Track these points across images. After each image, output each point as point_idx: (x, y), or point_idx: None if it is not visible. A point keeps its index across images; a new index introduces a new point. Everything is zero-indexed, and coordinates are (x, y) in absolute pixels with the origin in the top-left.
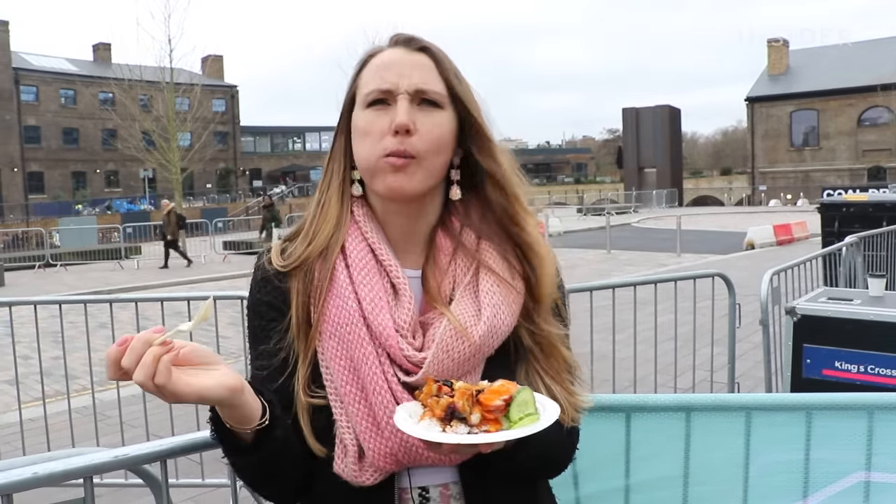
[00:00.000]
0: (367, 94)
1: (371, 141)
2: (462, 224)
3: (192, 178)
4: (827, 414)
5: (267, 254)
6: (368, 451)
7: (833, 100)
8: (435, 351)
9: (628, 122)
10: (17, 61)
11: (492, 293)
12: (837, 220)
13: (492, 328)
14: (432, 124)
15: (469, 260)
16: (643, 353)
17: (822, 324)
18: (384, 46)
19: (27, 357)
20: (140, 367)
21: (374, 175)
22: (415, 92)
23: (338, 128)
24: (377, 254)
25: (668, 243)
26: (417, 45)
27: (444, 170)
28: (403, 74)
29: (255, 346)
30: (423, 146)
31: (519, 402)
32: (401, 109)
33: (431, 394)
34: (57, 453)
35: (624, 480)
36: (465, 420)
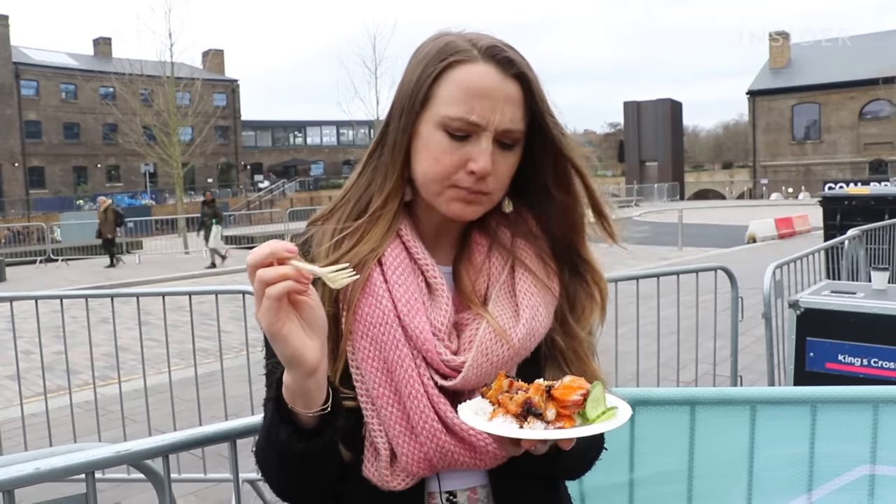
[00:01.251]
0: (450, 118)
1: (441, 168)
2: (498, 221)
3: (193, 173)
4: (832, 407)
5: (294, 240)
6: (402, 456)
7: (835, 93)
8: (475, 355)
9: (629, 115)
10: (18, 56)
11: (530, 294)
12: (839, 213)
13: (530, 331)
14: (507, 164)
15: (504, 257)
16: (646, 347)
17: (826, 317)
18: (475, 54)
19: (29, 352)
20: (277, 284)
21: (438, 197)
22: (502, 132)
23: (400, 123)
24: (411, 251)
25: (669, 237)
26: (515, 69)
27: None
28: (496, 109)
29: None
30: (495, 185)
31: (593, 397)
32: (485, 152)
33: (502, 390)
34: (58, 448)
35: (628, 474)
36: (541, 416)
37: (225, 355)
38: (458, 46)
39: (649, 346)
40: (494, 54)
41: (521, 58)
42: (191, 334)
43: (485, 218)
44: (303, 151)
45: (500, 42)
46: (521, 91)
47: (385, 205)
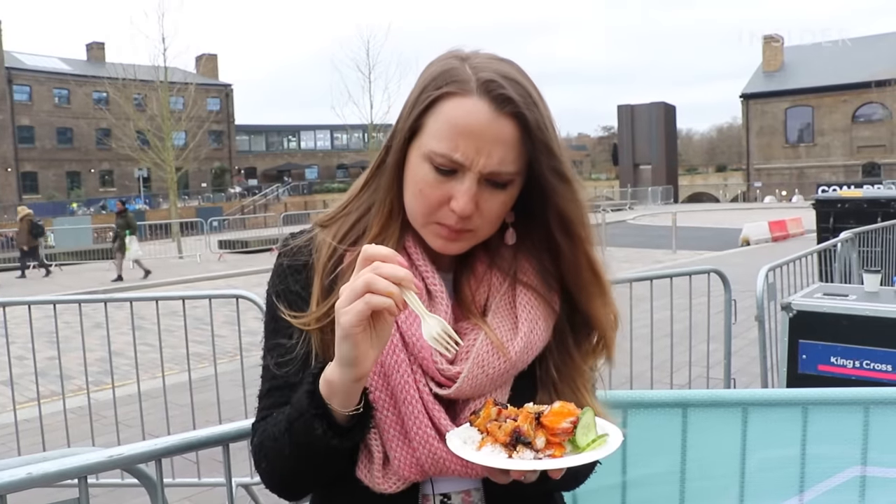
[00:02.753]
0: (434, 153)
1: (424, 203)
2: (500, 241)
3: (187, 178)
4: (823, 409)
5: (292, 240)
6: (394, 460)
7: (828, 96)
8: (470, 366)
9: (623, 119)
10: (10, 61)
11: (530, 307)
12: (832, 216)
13: (528, 344)
14: (497, 203)
15: (505, 269)
16: (639, 350)
17: (818, 319)
18: (469, 87)
19: (22, 357)
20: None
21: (423, 228)
22: (488, 174)
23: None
24: (412, 256)
25: (663, 240)
26: (510, 108)
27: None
28: (482, 151)
29: (275, 338)
30: (481, 223)
31: (584, 424)
32: (466, 192)
33: (490, 418)
34: (51, 453)
35: (621, 476)
36: (530, 445)
37: (219, 360)
38: (456, 75)
39: (643, 348)
40: (491, 90)
41: (523, 94)
42: (184, 339)
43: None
44: (297, 156)
45: (504, 74)
46: (518, 131)
47: (382, 231)
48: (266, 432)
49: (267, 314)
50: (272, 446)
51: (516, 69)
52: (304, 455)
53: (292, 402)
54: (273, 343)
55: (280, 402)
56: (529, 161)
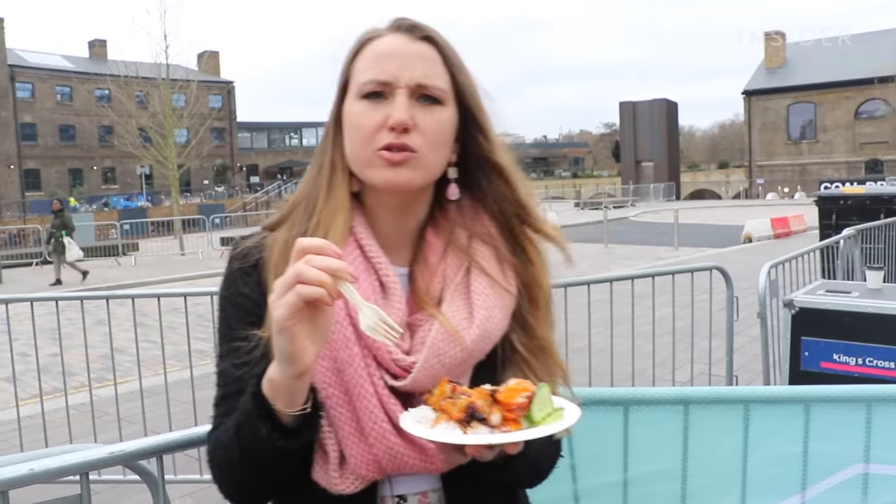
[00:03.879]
0: (362, 83)
1: (364, 135)
2: (454, 222)
3: (188, 175)
4: (825, 406)
5: (243, 242)
6: (351, 458)
7: (830, 93)
8: (426, 355)
9: (625, 116)
10: (13, 58)
11: (484, 295)
12: (835, 212)
13: (484, 332)
14: (433, 121)
15: (460, 259)
16: (641, 347)
17: (820, 316)
18: (383, 31)
19: (25, 354)
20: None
21: (368, 168)
22: (416, 86)
23: (330, 117)
24: (365, 250)
25: (665, 237)
26: (421, 33)
27: (443, 167)
28: (404, 66)
29: (228, 343)
30: (421, 142)
31: (539, 399)
32: (399, 105)
33: (445, 395)
34: (53, 450)
35: (622, 474)
36: (485, 421)
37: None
38: (370, 29)
39: (645, 345)
40: (401, 25)
41: (428, 25)
42: (186, 336)
43: (440, 218)
44: (298, 153)
45: (410, 18)
46: (435, 52)
47: (331, 194)
48: (217, 440)
49: (219, 319)
50: (223, 454)
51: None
52: (253, 460)
53: (239, 405)
54: (228, 347)
55: (233, 409)
56: (451, 84)
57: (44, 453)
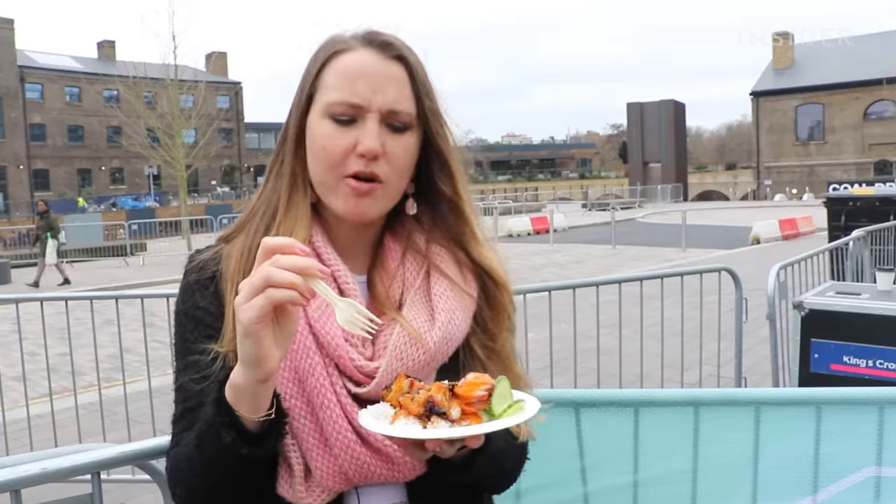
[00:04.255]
0: (331, 102)
1: (331, 158)
2: (411, 228)
3: (196, 175)
4: (837, 409)
5: (199, 255)
6: (316, 471)
7: (839, 93)
8: (388, 360)
9: (633, 116)
10: (22, 59)
11: (445, 297)
12: (844, 214)
13: (447, 334)
14: (400, 148)
15: (419, 263)
16: (649, 348)
17: (830, 318)
18: (353, 43)
19: (34, 353)
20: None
21: (332, 193)
22: (387, 112)
23: (291, 126)
24: (323, 257)
25: (673, 238)
26: (394, 52)
27: (404, 190)
28: (377, 89)
29: (185, 357)
30: (389, 171)
31: (499, 392)
32: (370, 132)
33: (403, 391)
34: (64, 449)
35: (632, 475)
36: (444, 415)
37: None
38: (338, 38)
39: (653, 347)
40: (373, 39)
41: (401, 42)
42: None
43: (397, 225)
44: None
45: (382, 31)
46: (404, 73)
47: (291, 208)
48: (177, 455)
49: (175, 334)
50: (185, 468)
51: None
52: (216, 471)
53: (200, 415)
54: (186, 362)
55: (194, 425)
56: (417, 109)
57: (55, 452)
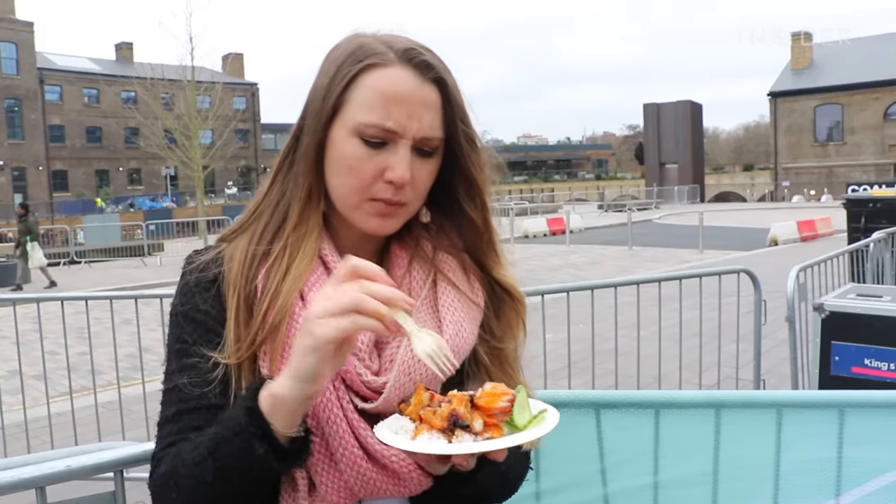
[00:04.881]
0: (365, 124)
1: (359, 182)
2: (418, 236)
3: (213, 176)
4: (860, 412)
5: (198, 256)
6: (321, 486)
7: (858, 94)
8: (396, 374)
9: (649, 117)
10: (42, 61)
11: (453, 308)
12: (864, 215)
13: (454, 347)
14: (426, 173)
15: (425, 271)
16: (667, 350)
17: (851, 321)
18: (389, 57)
19: (54, 353)
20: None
21: (355, 211)
22: (420, 139)
23: (311, 129)
24: (329, 265)
25: (690, 240)
26: (432, 74)
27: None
28: (413, 115)
29: (182, 359)
30: (413, 195)
31: (519, 403)
32: (402, 160)
33: (423, 404)
34: (87, 447)
35: (653, 477)
36: (468, 428)
37: None
38: (372, 49)
39: (671, 348)
40: (411, 57)
41: (439, 61)
42: None
43: (404, 230)
44: None
45: (418, 44)
46: (440, 96)
47: (303, 220)
48: (179, 458)
49: (171, 335)
50: (189, 473)
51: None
52: (230, 481)
53: (221, 421)
54: (182, 364)
55: (192, 427)
56: (447, 129)
57: (79, 450)
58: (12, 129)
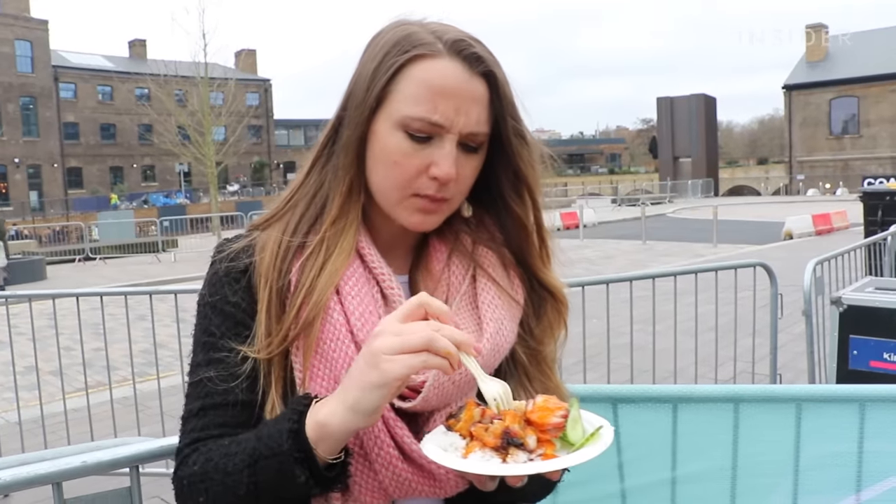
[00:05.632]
0: (411, 117)
1: (403, 177)
2: (458, 229)
3: (226, 172)
4: (882, 406)
5: (229, 244)
6: (354, 486)
7: (874, 86)
8: (435, 373)
9: (663, 111)
10: (56, 59)
11: (493, 306)
12: (881, 208)
13: (495, 346)
14: (470, 169)
15: (465, 265)
16: (683, 344)
17: (870, 314)
18: (436, 49)
19: (69, 348)
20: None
21: (397, 206)
22: (466, 135)
23: (353, 120)
24: (366, 259)
25: (703, 234)
26: (482, 67)
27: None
28: (460, 110)
29: (209, 352)
30: (457, 191)
31: (572, 417)
32: (448, 156)
33: (474, 420)
34: (104, 442)
35: (670, 472)
36: (522, 446)
37: None
38: (420, 39)
39: (686, 342)
40: (461, 49)
41: (489, 54)
42: None
43: (443, 223)
44: None
45: (467, 35)
46: (488, 90)
47: (342, 214)
48: (212, 463)
49: (198, 326)
50: (221, 481)
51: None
52: (264, 495)
53: (261, 436)
54: (209, 357)
55: (217, 423)
56: (494, 123)
57: (95, 446)
58: (27, 127)
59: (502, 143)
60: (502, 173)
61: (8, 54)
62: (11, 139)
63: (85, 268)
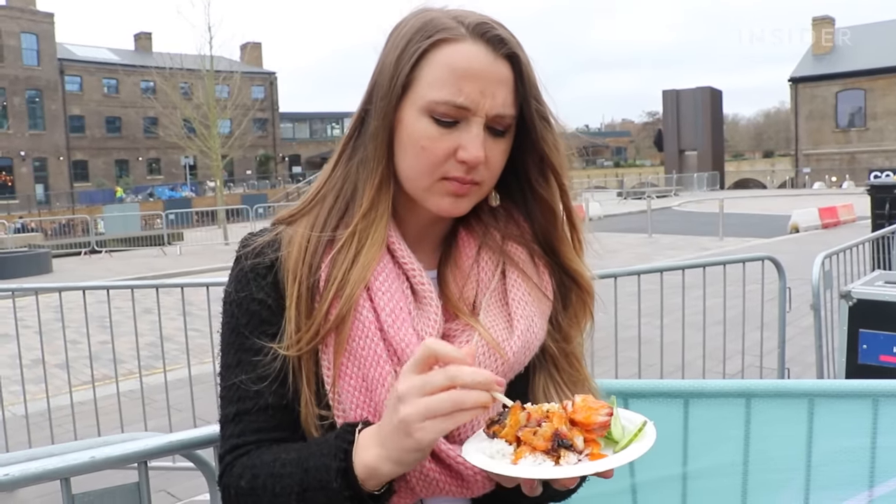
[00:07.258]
0: (436, 101)
1: (431, 161)
2: (487, 224)
3: (232, 165)
4: (895, 402)
5: (254, 238)
6: None
7: (881, 78)
8: None
9: (668, 104)
10: (62, 52)
11: (524, 303)
12: (888, 202)
13: (525, 343)
14: (499, 152)
15: (494, 261)
16: (690, 338)
17: (880, 308)
18: (459, 32)
19: (76, 342)
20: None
21: (427, 192)
22: (493, 117)
23: (380, 110)
24: (396, 254)
25: (709, 227)
26: (506, 49)
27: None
28: (486, 92)
29: (238, 353)
30: (487, 175)
31: (613, 416)
32: (475, 138)
33: (521, 424)
34: (111, 438)
35: (681, 468)
36: (571, 447)
37: None
38: (442, 24)
39: (694, 336)
40: (484, 32)
41: (512, 36)
42: None
43: (472, 216)
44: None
45: (490, 19)
46: (512, 73)
47: (373, 205)
48: (259, 481)
49: (225, 325)
50: (270, 500)
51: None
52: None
53: (307, 466)
54: (238, 358)
55: (254, 429)
56: (519, 107)
57: (103, 441)
58: (33, 120)
59: (527, 126)
60: (528, 158)
61: (14, 47)
62: (17, 132)
63: (90, 261)
